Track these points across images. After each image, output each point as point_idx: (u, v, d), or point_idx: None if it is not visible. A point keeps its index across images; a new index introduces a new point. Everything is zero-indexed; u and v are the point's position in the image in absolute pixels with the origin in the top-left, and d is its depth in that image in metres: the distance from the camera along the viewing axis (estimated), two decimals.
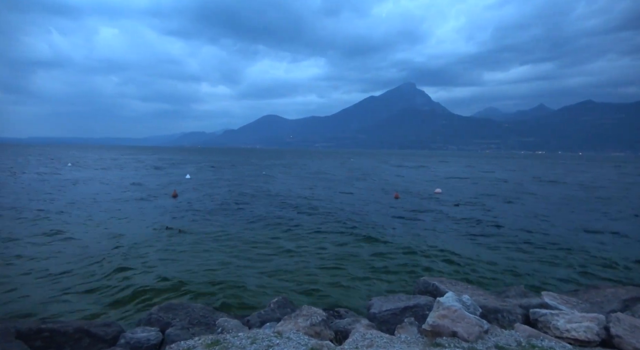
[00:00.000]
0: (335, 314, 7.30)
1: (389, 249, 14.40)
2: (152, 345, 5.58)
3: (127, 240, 14.95)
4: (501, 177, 52.60)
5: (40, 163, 67.88)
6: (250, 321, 6.49)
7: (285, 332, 5.52)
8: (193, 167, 66.59)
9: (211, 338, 5.47)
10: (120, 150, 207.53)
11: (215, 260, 12.53)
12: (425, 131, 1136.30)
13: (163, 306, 6.68)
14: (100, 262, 12.13)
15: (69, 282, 10.36)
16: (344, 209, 23.26)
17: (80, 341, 5.40)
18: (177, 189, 31.44)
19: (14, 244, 14.04)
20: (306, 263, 12.50)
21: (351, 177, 49.67)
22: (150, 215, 20.54)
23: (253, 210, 22.47)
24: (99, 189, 31.88)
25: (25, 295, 9.37)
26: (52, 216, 19.45)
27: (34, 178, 40.12)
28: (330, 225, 18.61)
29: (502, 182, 44.64)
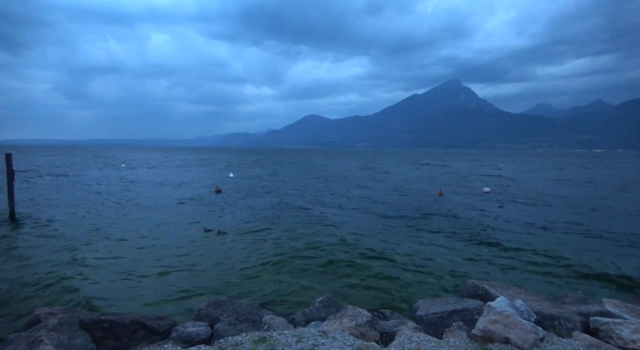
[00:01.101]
0: (380, 315, 7.21)
1: (431, 249, 14.06)
2: (202, 339, 5.76)
3: (172, 235, 15.60)
4: (555, 177, 49.87)
5: (99, 164, 72.32)
6: (295, 319, 6.55)
7: (331, 331, 5.52)
8: (236, 167, 68.40)
9: (258, 335, 5.57)
10: (169, 151, 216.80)
11: (256, 257, 12.77)
12: (471, 129, 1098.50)
13: (211, 302, 6.89)
14: (148, 256, 12.74)
15: (122, 276, 10.95)
16: (387, 206, 22.97)
17: (136, 333, 5.69)
18: (220, 187, 32.53)
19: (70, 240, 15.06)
20: (347, 262, 12.45)
21: (391, 175, 49.01)
22: (196, 210, 21.28)
23: (294, 207, 22.69)
24: (148, 187, 33.49)
25: (87, 287, 10.00)
26: (105, 212, 20.66)
27: (95, 176, 42.87)
28: (370, 223, 18.44)
29: (557, 182, 42.30)
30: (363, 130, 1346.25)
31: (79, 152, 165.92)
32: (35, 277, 10.79)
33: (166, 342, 5.54)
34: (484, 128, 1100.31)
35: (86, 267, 11.73)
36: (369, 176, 50.27)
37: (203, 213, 21.45)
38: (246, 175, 49.36)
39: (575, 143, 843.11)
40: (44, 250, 13.51)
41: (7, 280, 10.45)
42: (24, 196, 26.23)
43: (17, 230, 16.45)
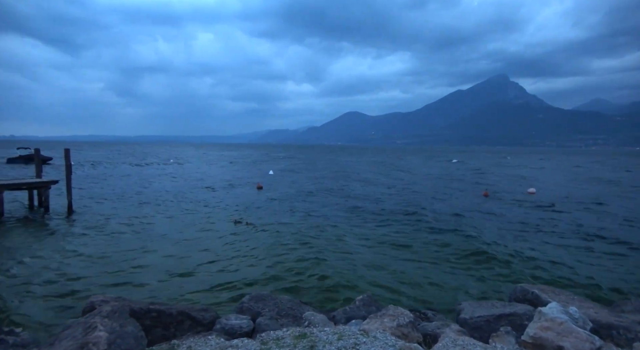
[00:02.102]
0: (422, 315, 7.05)
1: (477, 250, 13.58)
2: (245, 332, 5.87)
3: (213, 229, 16.04)
4: (610, 178, 46.79)
5: (148, 159, 75.77)
6: (335, 317, 6.54)
7: (372, 331, 5.45)
8: (276, 163, 69.38)
9: (299, 330, 5.60)
10: (213, 147, 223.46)
11: (296, 253, 12.87)
12: (519, 126, 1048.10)
13: (253, 296, 7.01)
14: (191, 249, 13.18)
15: (167, 267, 11.38)
16: (428, 205, 22.46)
17: (182, 323, 5.89)
18: (261, 183, 33.19)
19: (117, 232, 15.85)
20: (388, 260, 12.28)
21: (434, 173, 47.85)
22: (237, 206, 21.78)
23: (333, 205, 22.68)
24: (194, 182, 34.67)
25: (135, 277, 10.50)
26: (153, 205, 21.58)
27: (143, 172, 45.00)
28: (413, 222, 18.09)
29: (611, 184, 39.67)
30: (404, 127, 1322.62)
31: (129, 148, 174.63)
32: (89, 266, 11.45)
33: (210, 333, 5.70)
34: (532, 125, 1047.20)
35: (134, 258, 12.31)
36: (408, 173, 49.41)
37: (244, 208, 21.92)
38: (284, 173, 49.93)
39: (634, 140, 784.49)
40: (97, 242, 14.31)
41: (66, 269, 11.15)
42: (81, 190, 27.93)
43: (74, 223, 17.53)
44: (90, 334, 4.54)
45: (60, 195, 22.75)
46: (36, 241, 14.25)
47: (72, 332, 4.84)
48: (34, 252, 12.77)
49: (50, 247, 13.54)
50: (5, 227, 16.26)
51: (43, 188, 19.68)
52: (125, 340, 4.73)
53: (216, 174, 45.66)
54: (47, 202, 19.44)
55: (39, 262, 11.80)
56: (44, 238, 14.77)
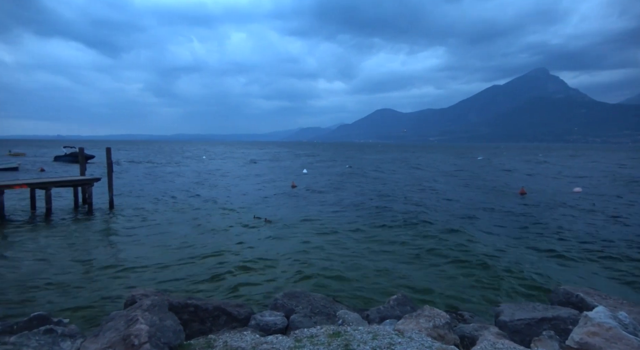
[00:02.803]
0: (458, 317, 6.87)
1: (514, 250, 13.14)
2: (279, 329, 5.92)
3: (247, 227, 16.28)
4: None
5: (183, 157, 78.03)
6: (369, 316, 6.47)
7: (407, 331, 5.35)
8: (309, 161, 69.67)
9: (333, 329, 5.58)
10: (245, 145, 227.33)
11: (330, 252, 12.87)
12: (559, 122, 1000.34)
13: (287, 293, 7.05)
14: (225, 246, 13.43)
15: (200, 263, 11.66)
16: (464, 203, 21.91)
17: (218, 318, 6.01)
18: (295, 181, 33.46)
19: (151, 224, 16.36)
20: (421, 260, 12.07)
21: (465, 172, 46.62)
22: (272, 203, 22.02)
23: (366, 204, 22.52)
24: (228, 179, 35.36)
25: (173, 272, 10.82)
26: (187, 201, 22.16)
27: (178, 168, 46.38)
28: (445, 221, 17.69)
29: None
30: (437, 124, 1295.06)
31: (166, 146, 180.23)
32: (129, 260, 11.89)
33: (245, 329, 5.78)
34: (574, 120, 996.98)
35: (170, 253, 12.69)
36: (443, 170, 48.39)
37: (280, 206, 22.13)
38: (319, 172, 50.06)
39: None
40: (136, 237, 14.86)
41: (108, 263, 11.63)
42: (121, 186, 29.08)
43: (115, 219, 18.28)
44: (132, 327, 4.70)
45: (102, 191, 23.73)
46: (80, 236, 14.94)
47: (115, 324, 5.02)
48: (78, 246, 13.40)
49: (93, 241, 14.17)
50: (52, 222, 17.16)
51: (86, 185, 20.62)
52: (165, 333, 4.86)
53: (250, 172, 46.41)
54: (90, 199, 20.36)
55: (82, 255, 12.37)
56: (87, 233, 15.47)
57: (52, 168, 47.76)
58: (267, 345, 5.05)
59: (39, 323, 5.44)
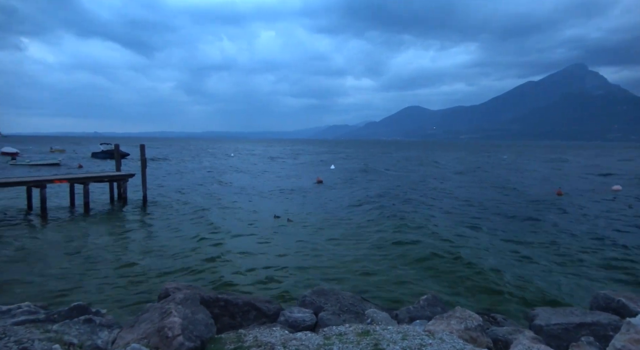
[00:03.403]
0: (491, 319, 6.69)
1: (549, 252, 12.68)
2: (307, 326, 5.94)
3: (274, 224, 16.42)
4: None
5: (213, 154, 79.62)
6: (399, 316, 6.40)
7: (437, 332, 5.26)
8: (335, 158, 69.64)
9: (361, 327, 5.54)
10: (272, 143, 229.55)
11: (355, 250, 12.81)
12: (598, 119, 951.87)
13: (315, 290, 7.06)
14: (252, 241, 13.59)
15: (228, 258, 11.84)
16: (498, 204, 21.33)
17: (248, 313, 6.09)
18: (322, 177, 33.63)
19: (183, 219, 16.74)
20: (450, 261, 11.83)
21: (498, 171, 45.35)
22: (297, 200, 22.14)
23: (394, 201, 22.29)
24: (256, 175, 35.82)
25: (203, 266, 11.05)
26: (216, 197, 22.58)
27: (208, 165, 47.37)
28: (477, 220, 17.28)
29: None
30: (467, 122, 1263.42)
31: (196, 143, 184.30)
32: (162, 253, 12.23)
33: (274, 325, 5.82)
34: (614, 118, 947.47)
35: (200, 248, 12.96)
36: (473, 170, 47.30)
37: (304, 202, 22.23)
38: (344, 169, 49.98)
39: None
40: (168, 232, 15.27)
41: (142, 256, 12.00)
42: (154, 181, 29.95)
43: (148, 213, 18.85)
44: (166, 319, 4.82)
45: (136, 187, 24.51)
46: (116, 229, 15.50)
47: (150, 316, 5.17)
48: (114, 240, 13.90)
49: (127, 234, 14.67)
50: (89, 216, 17.87)
51: (122, 181, 21.35)
52: (197, 326, 4.96)
53: (276, 169, 46.83)
54: (125, 194, 21.07)
55: (117, 247, 12.82)
56: (122, 226, 16.03)
57: (89, 164, 49.76)
58: (297, 341, 5.08)
59: (79, 312, 5.67)
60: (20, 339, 4.36)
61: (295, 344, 4.96)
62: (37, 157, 54.01)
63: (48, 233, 14.75)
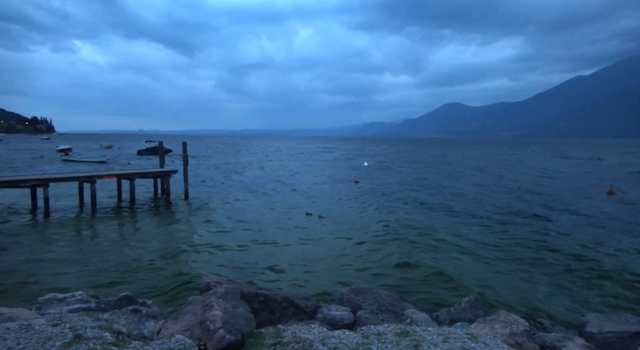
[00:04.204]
0: (537, 325, 6.41)
1: (601, 254, 11.98)
2: (345, 324, 5.91)
3: (312, 221, 16.47)
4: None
5: (250, 152, 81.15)
6: (439, 317, 6.25)
7: (481, 336, 5.09)
8: (371, 155, 69.11)
9: (401, 328, 5.46)
10: (309, 140, 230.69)
11: (390, 248, 12.63)
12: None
13: (353, 288, 7.03)
14: (290, 238, 13.70)
15: (266, 254, 11.99)
16: (542, 203, 20.41)
17: (286, 309, 6.15)
18: (357, 176, 33.49)
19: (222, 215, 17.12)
20: (493, 261, 11.43)
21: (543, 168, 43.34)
22: (332, 197, 22.13)
23: (432, 200, 21.81)
24: (290, 173, 36.15)
25: (240, 261, 11.28)
26: (257, 193, 22.96)
27: (245, 162, 48.37)
28: (521, 219, 16.60)
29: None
30: (510, 119, 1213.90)
31: (234, 140, 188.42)
32: (203, 247, 12.58)
33: (312, 321, 5.84)
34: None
35: (238, 242, 13.22)
36: (514, 168, 45.50)
37: (340, 200, 22.20)
38: (380, 167, 49.50)
39: None
40: (207, 225, 15.69)
41: (184, 249, 12.40)
42: (195, 177, 30.90)
43: (190, 208, 19.47)
44: (208, 312, 4.94)
45: (179, 182, 25.37)
46: (159, 223, 16.12)
47: (192, 308, 5.32)
48: (157, 233, 14.45)
49: (170, 228, 15.21)
50: (135, 210, 18.68)
51: (165, 177, 22.16)
52: (237, 320, 5.06)
53: (311, 166, 47.05)
54: (168, 189, 21.86)
55: (160, 241, 13.32)
56: (165, 221, 16.64)
57: (135, 160, 52.07)
58: (335, 339, 5.06)
59: (127, 303, 5.93)
60: (74, 326, 4.60)
61: (333, 342, 4.95)
62: (87, 154, 57.08)
63: (97, 226, 15.56)
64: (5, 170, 36.12)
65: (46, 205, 17.10)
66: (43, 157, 52.12)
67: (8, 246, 12.32)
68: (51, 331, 4.41)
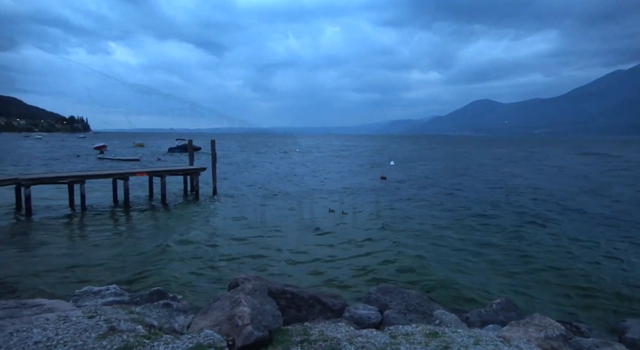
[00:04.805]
0: (574, 329, 6.15)
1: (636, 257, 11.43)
2: (373, 323, 5.86)
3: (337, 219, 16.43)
4: None
5: (277, 148, 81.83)
6: (469, 319, 6.10)
7: (513, 339, 4.93)
8: (397, 153, 68.36)
9: (429, 328, 5.35)
10: (335, 138, 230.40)
11: (418, 247, 12.44)
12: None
13: (380, 288, 6.96)
14: (315, 236, 13.69)
15: (290, 250, 12.04)
16: (580, 206, 19.64)
17: (313, 307, 6.14)
18: (384, 173, 33.31)
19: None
20: (526, 262, 11.08)
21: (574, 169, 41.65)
22: (357, 195, 22.00)
23: (459, 201, 21.36)
24: (316, 170, 36.17)
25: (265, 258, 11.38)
26: (275, 190, 23.12)
27: (273, 160, 48.81)
28: (559, 220, 16.02)
29: None
30: (543, 115, 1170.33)
31: (261, 138, 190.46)
32: (231, 244, 12.78)
33: (340, 320, 5.82)
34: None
35: (265, 240, 13.33)
36: (541, 170, 43.98)
37: (366, 198, 22.05)
38: (406, 165, 48.92)
39: None
40: (234, 221, 15.92)
41: (213, 245, 12.62)
42: (223, 175, 31.42)
43: (218, 205, 19.82)
44: (236, 308, 5.00)
45: (208, 179, 25.89)
46: (188, 219, 16.46)
47: (221, 304, 5.40)
48: (187, 229, 14.75)
49: (199, 224, 15.49)
50: (166, 207, 19.16)
51: (195, 174, 22.62)
52: (265, 317, 5.09)
53: (338, 164, 46.99)
54: (197, 186, 22.31)
55: (190, 237, 13.58)
56: (194, 217, 16.98)
57: (165, 158, 53.50)
58: (362, 338, 5.02)
59: (158, 297, 6.08)
60: (108, 318, 4.75)
61: (361, 341, 4.91)
62: (122, 152, 59.17)
63: (130, 221, 16.07)
64: (44, 166, 37.86)
65: (82, 200, 17.84)
66: (79, 156, 54.26)
67: (47, 240, 12.90)
68: (87, 323, 4.57)
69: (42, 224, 15.02)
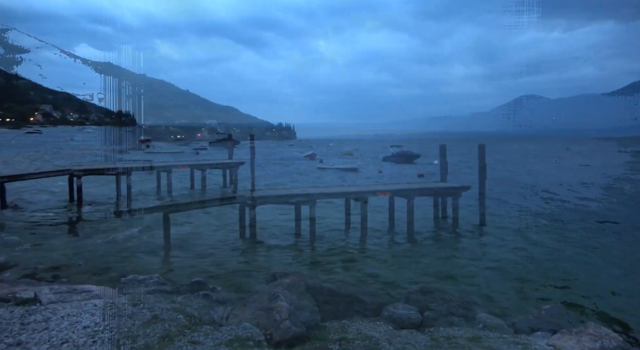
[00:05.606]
0: (632, 340, 5.71)
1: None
2: (412, 323, 5.69)
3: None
4: None
5: (320, 145, 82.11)
6: (516, 325, 5.80)
7: (565, 348, 4.64)
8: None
9: (472, 332, 5.14)
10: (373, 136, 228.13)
11: (460, 247, 12.04)
12: None
13: (421, 288, 6.76)
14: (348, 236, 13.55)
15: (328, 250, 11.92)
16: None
17: (351, 305, 6.05)
18: (422, 171, 32.91)
19: None
20: (582, 265, 10.46)
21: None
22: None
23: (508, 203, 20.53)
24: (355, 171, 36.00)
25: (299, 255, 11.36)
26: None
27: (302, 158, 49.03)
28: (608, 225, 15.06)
29: None
30: (596, 112, 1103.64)
31: (302, 133, 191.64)
32: (266, 239, 12.86)
33: (378, 319, 5.70)
34: None
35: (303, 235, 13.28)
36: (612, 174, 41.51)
37: None
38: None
39: None
40: (274, 217, 16.01)
41: (247, 240, 12.74)
42: (260, 170, 31.90)
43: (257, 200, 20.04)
44: (274, 302, 5.00)
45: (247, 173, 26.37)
46: (227, 213, 16.71)
47: (259, 297, 5.42)
48: (224, 223, 14.97)
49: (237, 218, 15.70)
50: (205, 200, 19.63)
51: (233, 168, 23.05)
52: (302, 312, 5.06)
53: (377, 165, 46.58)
54: (236, 179, 22.71)
55: (227, 231, 13.77)
56: (232, 211, 17.24)
57: (210, 150, 55.05)
58: (402, 339, 4.88)
59: (198, 288, 6.19)
60: (152, 307, 4.88)
61: (400, 342, 4.78)
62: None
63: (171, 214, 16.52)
64: None
65: (128, 192, 18.63)
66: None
67: (95, 230, 13.53)
68: (132, 310, 4.71)
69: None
